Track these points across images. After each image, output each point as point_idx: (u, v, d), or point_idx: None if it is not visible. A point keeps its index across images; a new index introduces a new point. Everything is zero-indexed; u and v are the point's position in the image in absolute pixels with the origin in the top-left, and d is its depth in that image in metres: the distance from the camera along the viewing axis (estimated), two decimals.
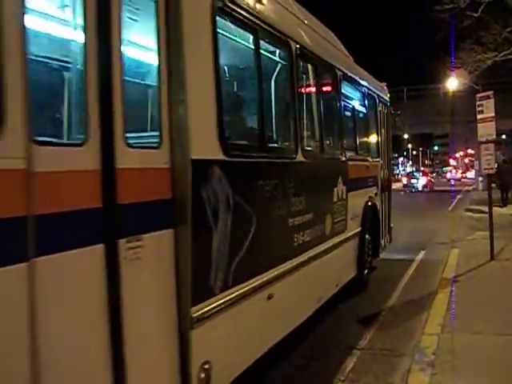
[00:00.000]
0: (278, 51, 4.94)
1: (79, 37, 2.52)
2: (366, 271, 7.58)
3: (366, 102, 7.92)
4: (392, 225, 9.69)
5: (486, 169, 9.51)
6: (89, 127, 2.49)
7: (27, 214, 2.09)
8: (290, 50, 4.92)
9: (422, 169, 54.96)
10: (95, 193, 2.52)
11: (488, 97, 9.36)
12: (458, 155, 79.89)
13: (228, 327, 3.63)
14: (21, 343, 2.08)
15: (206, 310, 3.33)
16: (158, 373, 3.01)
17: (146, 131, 3.26)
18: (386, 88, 9.65)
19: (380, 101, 8.89)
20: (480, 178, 33.41)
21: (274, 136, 4.79)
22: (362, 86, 7.75)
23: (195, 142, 3.18)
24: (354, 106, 7.39)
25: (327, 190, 5.86)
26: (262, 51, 4.44)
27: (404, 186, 43.11)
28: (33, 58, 2.32)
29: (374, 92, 8.47)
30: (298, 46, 5.06)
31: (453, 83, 30.40)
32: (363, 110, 7.86)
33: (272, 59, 4.92)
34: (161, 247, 3.02)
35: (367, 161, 7.81)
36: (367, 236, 7.57)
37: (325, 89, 6.15)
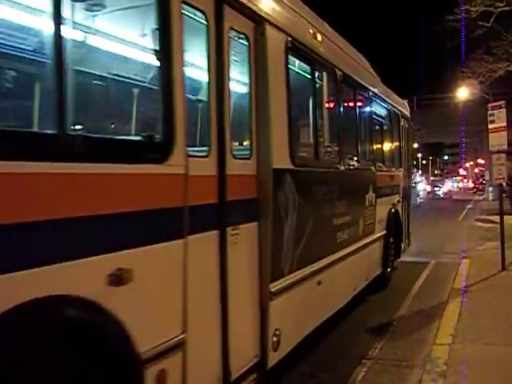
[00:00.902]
0: (327, 78, 5.86)
1: (206, 77, 3.45)
2: (388, 270, 8.44)
3: (391, 118, 8.85)
4: (411, 230, 10.51)
5: (497, 179, 9.48)
6: (211, 145, 3.42)
7: (184, 204, 3.02)
8: (335, 76, 5.85)
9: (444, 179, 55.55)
10: (214, 192, 3.44)
11: (500, 106, 9.26)
12: (468, 165, 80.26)
13: (292, 303, 4.52)
14: (177, 296, 2.99)
15: (279, 286, 4.22)
16: (248, 330, 3.91)
17: (242, 146, 4.16)
18: (407, 105, 10.55)
19: (402, 116, 9.80)
20: (490, 188, 33.25)
21: (325, 150, 5.69)
22: (388, 103, 8.66)
23: (275, 155, 4.11)
24: (381, 122, 8.31)
25: (361, 196, 6.76)
26: (315, 79, 5.37)
27: (428, 193, 44.80)
28: (188, 98, 3.25)
29: (398, 109, 9.38)
30: (341, 72, 5.99)
31: (463, 93, 30.46)
32: (389, 125, 8.78)
33: (322, 85, 5.83)
34: (250, 236, 3.93)
35: (392, 171, 8.71)
36: (391, 239, 8.44)
37: (360, 108, 7.06)
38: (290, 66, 4.61)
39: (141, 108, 3.15)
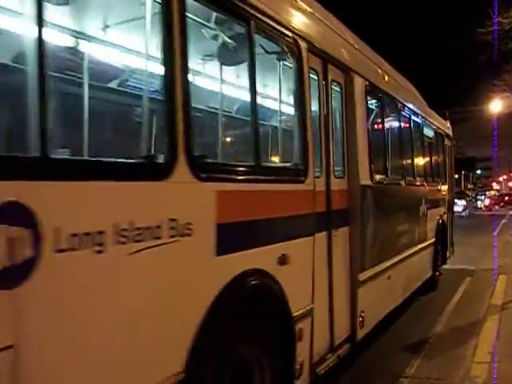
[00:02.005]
0: (390, 109, 7.05)
1: (317, 118, 4.66)
2: (437, 273, 9.52)
3: (437, 138, 10.01)
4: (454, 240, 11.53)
5: None
6: (323, 168, 4.63)
7: (312, 211, 4.24)
8: (397, 107, 7.06)
9: (486, 193, 54.98)
10: (324, 203, 4.65)
11: None
12: (501, 179, 79.88)
13: (371, 292, 5.66)
14: (310, 276, 4.19)
15: (363, 277, 5.40)
16: (343, 310, 5.08)
17: (338, 167, 5.36)
18: (449, 125, 11.66)
19: (446, 136, 10.93)
20: None
21: (391, 169, 6.87)
22: (435, 126, 9.82)
23: (361, 174, 5.32)
24: (430, 142, 9.47)
25: (417, 207, 7.92)
26: (384, 111, 6.58)
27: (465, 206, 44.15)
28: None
29: (443, 130, 10.53)
30: (400, 104, 7.20)
31: (496, 106, 30.08)
32: (435, 144, 9.93)
33: (388, 115, 7.01)
34: (344, 237, 5.12)
35: (439, 185, 9.84)
36: (439, 246, 9.54)
37: (414, 132, 8.23)
38: (368, 103, 5.83)
39: (289, 147, 4.29)
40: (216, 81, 4.81)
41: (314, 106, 4.51)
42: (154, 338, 2.48)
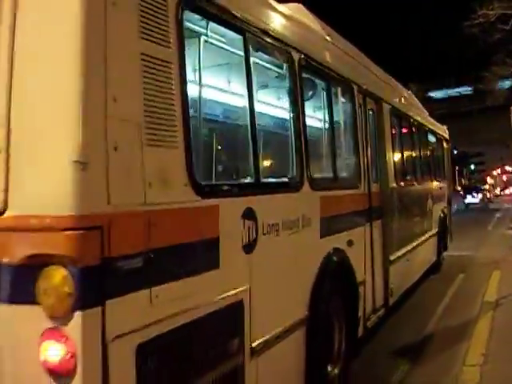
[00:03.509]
0: (407, 126, 8.71)
1: (364, 142, 6.32)
2: (441, 257, 11.25)
3: (438, 142, 11.77)
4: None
5: None
6: (365, 179, 6.27)
7: (363, 208, 5.90)
8: (410, 123, 8.77)
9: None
10: (366, 202, 6.30)
11: None
12: (495, 173, 79.97)
13: (396, 270, 7.31)
14: (363, 254, 5.85)
15: (392, 258, 7.07)
16: (380, 282, 6.73)
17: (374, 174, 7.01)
18: (446, 129, 13.40)
19: (444, 140, 12.68)
20: None
21: (408, 173, 8.53)
22: (435, 132, 11.55)
23: (389, 178, 6.99)
24: (433, 147, 11.21)
25: (425, 201, 9.65)
26: (402, 128, 8.26)
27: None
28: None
29: (441, 134, 12.27)
30: (412, 119, 8.90)
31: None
32: (437, 148, 11.68)
33: (405, 130, 8.68)
34: (379, 227, 6.76)
35: (440, 183, 11.58)
36: (442, 235, 11.28)
37: (422, 139, 9.95)
38: (392, 123, 7.51)
39: (347, 162, 5.86)
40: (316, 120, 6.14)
41: (360, 131, 6.15)
42: (296, 286, 4.13)
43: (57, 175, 2.20)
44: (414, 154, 8.99)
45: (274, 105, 4.18)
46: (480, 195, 44.98)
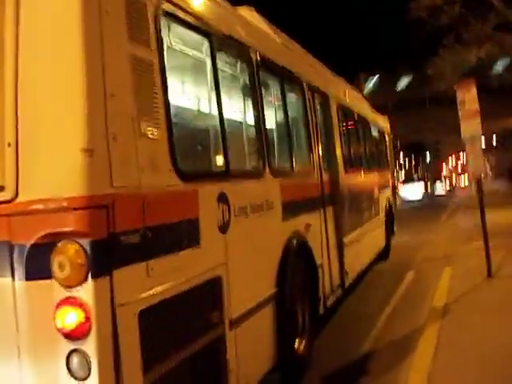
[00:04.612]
0: (351, 117, 9.29)
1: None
2: (389, 241, 11.92)
3: (381, 134, 12.47)
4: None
5: (474, 171, 8.32)
6: (317, 168, 6.74)
7: (317, 195, 6.38)
8: (354, 115, 9.34)
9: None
10: (319, 189, 6.76)
11: (467, 87, 8.07)
12: (450, 161, 77.42)
13: (350, 252, 7.77)
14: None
15: (346, 241, 7.56)
16: (335, 264, 7.21)
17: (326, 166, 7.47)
18: (387, 119, 14.15)
19: (386, 131, 13.43)
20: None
21: (357, 164, 9.08)
22: (378, 124, 12.25)
23: (339, 168, 7.51)
24: (376, 138, 11.89)
25: (373, 189, 10.27)
26: (348, 119, 8.81)
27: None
28: None
29: (383, 125, 13.01)
30: (356, 111, 9.49)
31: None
32: (380, 139, 12.39)
33: (350, 122, 9.24)
34: (330, 213, 7.25)
35: (385, 172, 12.27)
36: (389, 220, 11.95)
37: (366, 133, 10.56)
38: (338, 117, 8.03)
39: (305, 155, 6.33)
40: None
41: (311, 124, 6.60)
42: (265, 265, 4.54)
43: (66, 162, 2.53)
44: (359, 145, 9.58)
45: (238, 102, 4.58)
46: (421, 186, 42.17)
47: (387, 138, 13.60)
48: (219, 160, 4.02)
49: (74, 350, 2.52)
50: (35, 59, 2.66)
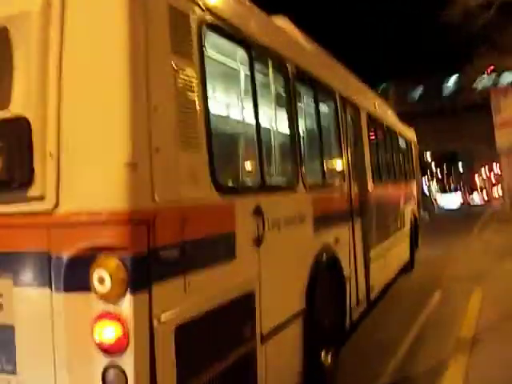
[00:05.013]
0: (382, 131, 9.21)
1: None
2: (413, 255, 11.78)
3: (407, 146, 12.34)
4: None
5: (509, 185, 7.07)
6: (347, 181, 6.67)
7: (348, 208, 6.31)
8: (384, 129, 9.25)
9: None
10: (349, 202, 6.68)
11: (506, 92, 7.42)
12: (483, 173, 73.65)
13: (375, 266, 7.69)
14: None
15: (372, 254, 7.48)
16: (362, 278, 7.12)
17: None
18: (413, 131, 14.02)
19: (413, 142, 13.30)
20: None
21: (385, 176, 8.99)
22: (405, 136, 12.13)
23: (367, 180, 7.42)
24: (404, 150, 11.79)
25: (400, 201, 10.17)
26: (379, 133, 8.73)
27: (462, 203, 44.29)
28: None
29: (409, 137, 12.89)
30: (388, 126, 9.39)
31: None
32: (407, 151, 12.28)
33: (380, 134, 9.17)
34: (358, 226, 7.17)
35: (411, 183, 12.16)
36: (413, 233, 11.82)
37: (394, 144, 10.47)
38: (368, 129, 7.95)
39: (336, 167, 6.31)
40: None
41: (343, 136, 6.53)
42: (296, 279, 4.49)
43: (109, 175, 2.51)
44: (387, 157, 9.48)
45: (274, 115, 4.55)
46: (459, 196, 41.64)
47: (414, 150, 13.46)
48: (255, 173, 3.98)
49: (111, 365, 2.49)
50: (80, 69, 2.66)
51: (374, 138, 8.53)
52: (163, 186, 2.66)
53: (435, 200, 35.88)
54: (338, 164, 6.18)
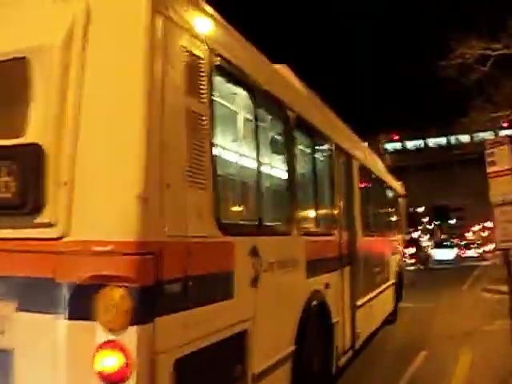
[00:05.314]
0: (373, 182, 9.40)
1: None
2: (396, 306, 11.82)
3: (395, 198, 12.56)
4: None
5: (502, 241, 7.10)
6: (338, 228, 6.79)
7: (337, 254, 6.40)
8: (373, 180, 9.44)
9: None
10: (339, 249, 6.78)
11: (501, 143, 7.28)
12: (476, 228, 72.85)
13: (361, 314, 7.68)
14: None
15: (359, 303, 7.51)
16: (348, 325, 7.15)
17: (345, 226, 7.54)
18: (402, 185, 14.27)
19: (400, 195, 13.52)
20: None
21: (373, 226, 9.14)
22: (393, 188, 12.36)
23: (357, 229, 7.54)
24: (391, 202, 11.98)
25: (386, 253, 10.27)
26: (363, 179, 8.92)
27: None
28: None
29: (398, 190, 13.11)
30: (377, 177, 9.59)
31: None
32: (394, 203, 12.48)
33: (369, 184, 9.36)
34: (347, 274, 7.25)
35: (396, 237, 12.29)
36: (398, 285, 11.89)
37: (382, 196, 10.66)
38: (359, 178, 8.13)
39: (328, 214, 6.47)
40: None
41: (336, 184, 6.68)
42: (287, 321, 4.53)
43: (120, 206, 2.59)
44: (376, 208, 9.65)
45: (273, 160, 4.69)
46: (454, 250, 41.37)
47: (401, 202, 13.69)
48: (253, 214, 4.08)
49: None
50: (98, 104, 2.77)
51: (364, 188, 8.71)
52: (171, 221, 2.74)
53: (428, 255, 36.43)
54: (331, 211, 6.30)
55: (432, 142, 52.93)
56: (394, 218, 12.27)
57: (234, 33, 3.85)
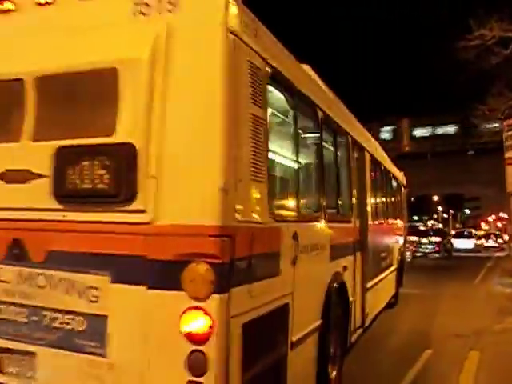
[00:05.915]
0: (380, 173, 9.98)
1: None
2: (398, 291, 12.47)
3: (398, 188, 13.18)
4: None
5: None
6: (354, 216, 7.38)
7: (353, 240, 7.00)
8: (381, 171, 10.03)
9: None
10: (354, 235, 7.38)
11: None
12: (490, 219, 72.93)
13: (370, 296, 8.31)
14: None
15: (368, 285, 8.13)
16: (359, 305, 7.76)
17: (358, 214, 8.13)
18: (403, 175, 14.88)
19: (403, 185, 14.15)
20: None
21: (381, 214, 9.73)
22: (397, 178, 12.96)
23: (367, 217, 8.14)
24: (394, 191, 12.59)
25: (390, 239, 10.90)
26: (373, 171, 9.51)
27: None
28: None
29: (401, 181, 13.72)
30: (384, 168, 10.18)
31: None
32: (397, 192, 13.08)
33: (376, 174, 9.94)
34: (359, 258, 7.84)
35: (399, 224, 12.92)
36: (400, 271, 12.53)
37: (387, 185, 11.24)
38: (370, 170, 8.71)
39: (347, 203, 7.01)
40: None
41: (352, 175, 7.25)
42: (316, 298, 5.13)
43: (205, 197, 3.16)
44: (382, 197, 10.26)
45: (308, 156, 5.27)
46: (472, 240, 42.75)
47: (403, 192, 14.31)
48: (293, 204, 4.66)
49: (195, 351, 3.10)
50: (181, 109, 3.30)
51: (373, 178, 9.30)
52: (242, 209, 3.32)
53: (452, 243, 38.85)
54: (349, 201, 6.88)
55: (446, 129, 51.65)
56: (398, 206, 12.89)
57: (279, 44, 4.39)
